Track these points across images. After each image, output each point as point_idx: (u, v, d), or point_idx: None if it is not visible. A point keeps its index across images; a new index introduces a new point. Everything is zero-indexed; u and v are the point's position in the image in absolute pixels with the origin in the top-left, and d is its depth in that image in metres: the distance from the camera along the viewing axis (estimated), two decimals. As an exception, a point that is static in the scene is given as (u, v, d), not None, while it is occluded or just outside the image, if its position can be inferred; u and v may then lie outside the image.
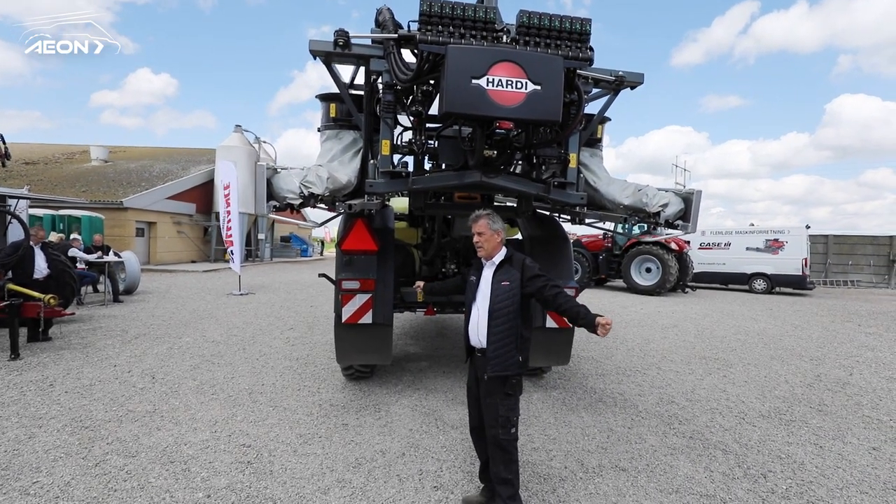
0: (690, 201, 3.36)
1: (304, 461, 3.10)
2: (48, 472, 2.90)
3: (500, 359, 2.35)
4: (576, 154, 3.37)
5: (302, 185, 2.89)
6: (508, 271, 2.42)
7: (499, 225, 2.49)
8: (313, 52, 3.07)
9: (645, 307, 11.19)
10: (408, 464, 3.10)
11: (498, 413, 2.38)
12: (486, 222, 2.48)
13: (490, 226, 2.47)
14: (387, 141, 3.14)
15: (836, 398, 4.74)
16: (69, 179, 21.04)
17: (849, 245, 20.92)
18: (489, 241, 2.48)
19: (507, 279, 2.39)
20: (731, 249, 16.08)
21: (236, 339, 6.55)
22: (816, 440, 3.68)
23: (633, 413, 4.14)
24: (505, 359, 2.35)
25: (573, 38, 2.70)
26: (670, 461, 3.24)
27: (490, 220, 2.48)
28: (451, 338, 6.97)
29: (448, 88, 2.48)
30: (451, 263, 5.04)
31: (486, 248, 2.50)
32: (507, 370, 2.35)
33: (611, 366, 5.70)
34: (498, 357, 2.35)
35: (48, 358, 5.38)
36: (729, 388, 4.98)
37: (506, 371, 2.35)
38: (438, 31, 2.57)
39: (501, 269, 2.45)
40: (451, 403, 4.22)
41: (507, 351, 2.34)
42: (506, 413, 2.37)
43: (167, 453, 3.17)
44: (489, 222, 2.48)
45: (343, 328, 3.95)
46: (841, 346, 7.29)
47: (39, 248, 6.31)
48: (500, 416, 2.37)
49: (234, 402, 4.14)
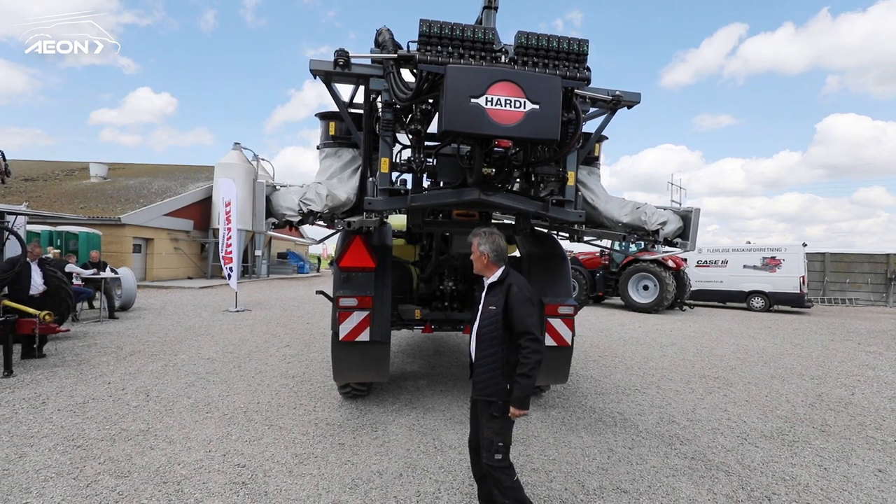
0: (689, 219, 3.39)
1: (300, 482, 3.04)
2: (38, 493, 2.82)
3: (484, 382, 2.34)
4: (574, 172, 3.42)
5: (301, 203, 2.91)
6: (497, 295, 2.37)
7: (486, 248, 2.42)
8: (314, 72, 3.13)
9: (643, 325, 11.15)
10: (405, 485, 3.04)
11: (484, 435, 2.37)
12: (476, 242, 2.47)
13: (478, 246, 2.45)
14: (386, 159, 3.18)
15: (839, 418, 4.70)
16: (68, 196, 21.09)
17: (846, 263, 21.02)
18: (477, 262, 2.48)
19: (494, 303, 2.36)
20: (729, 267, 16.13)
21: (232, 357, 6.47)
22: (820, 462, 3.63)
23: (634, 433, 4.08)
24: (490, 383, 2.32)
25: (570, 59, 2.77)
26: (672, 483, 3.18)
27: (479, 241, 2.45)
28: (449, 356, 6.91)
29: (447, 107, 2.53)
30: (448, 281, 5.03)
31: (475, 267, 2.51)
32: (492, 396, 2.31)
33: (610, 384, 5.64)
34: (483, 381, 2.34)
35: (41, 375, 5.30)
36: (730, 407, 4.93)
37: (490, 396, 2.32)
38: (437, 51, 2.63)
39: (492, 291, 2.42)
40: (449, 423, 4.16)
41: (492, 375, 2.32)
42: (490, 436, 2.33)
43: (160, 473, 3.10)
44: (478, 243, 2.45)
45: (340, 346, 3.92)
46: (842, 365, 7.25)
47: (36, 265, 6.28)
48: (485, 439, 2.35)
49: (228, 421, 4.07)
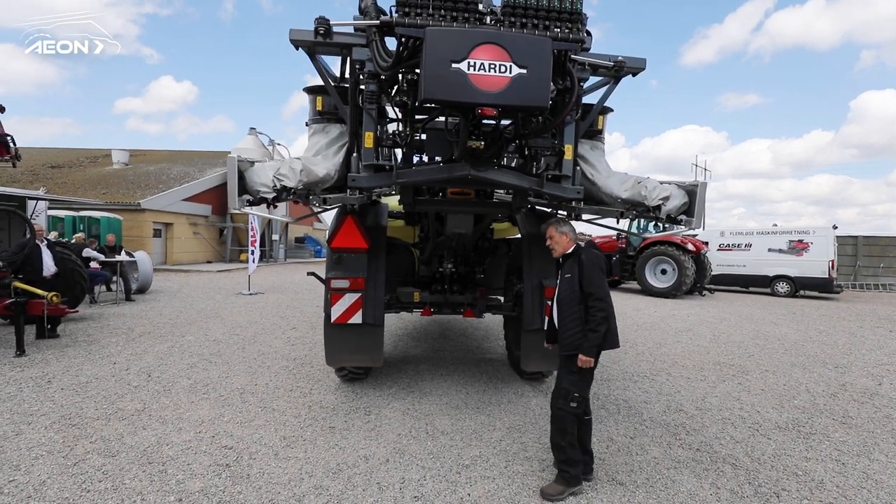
0: (695, 194, 3.13)
1: (284, 465, 2.99)
2: (26, 470, 2.85)
3: (568, 339, 2.73)
4: (572, 145, 3.18)
5: (275, 178, 2.78)
6: (571, 266, 2.81)
7: (566, 228, 2.92)
8: (294, 43, 2.96)
9: (659, 310, 10.81)
10: (391, 471, 2.96)
11: (561, 385, 2.77)
12: (553, 228, 2.93)
13: (557, 229, 2.91)
14: (370, 133, 3.01)
15: (862, 410, 4.40)
16: (91, 182, 21.67)
17: (880, 247, 19.92)
18: (559, 243, 2.91)
19: (569, 271, 2.80)
20: (752, 251, 15.46)
21: (237, 339, 6.52)
22: (838, 456, 3.39)
23: (637, 422, 3.90)
24: (572, 340, 2.71)
25: (563, 18, 2.52)
26: (673, 475, 3.01)
27: (557, 226, 2.93)
28: (454, 339, 6.81)
29: (426, 73, 2.33)
30: (448, 263, 4.88)
31: (557, 250, 2.93)
32: (574, 350, 2.69)
33: (617, 371, 5.45)
34: (567, 338, 2.74)
35: (52, 355, 5.43)
36: (743, 396, 4.69)
37: (572, 351, 2.69)
38: (417, 13, 2.43)
39: (566, 263, 2.88)
40: (444, 408, 4.06)
41: (573, 333, 2.71)
42: (568, 387, 2.74)
43: (147, 454, 3.10)
44: (556, 227, 2.93)
45: (332, 328, 3.84)
46: (870, 354, 6.84)
47: (46, 247, 6.40)
48: (562, 388, 2.76)
49: (223, 402, 4.07)
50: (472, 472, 2.98)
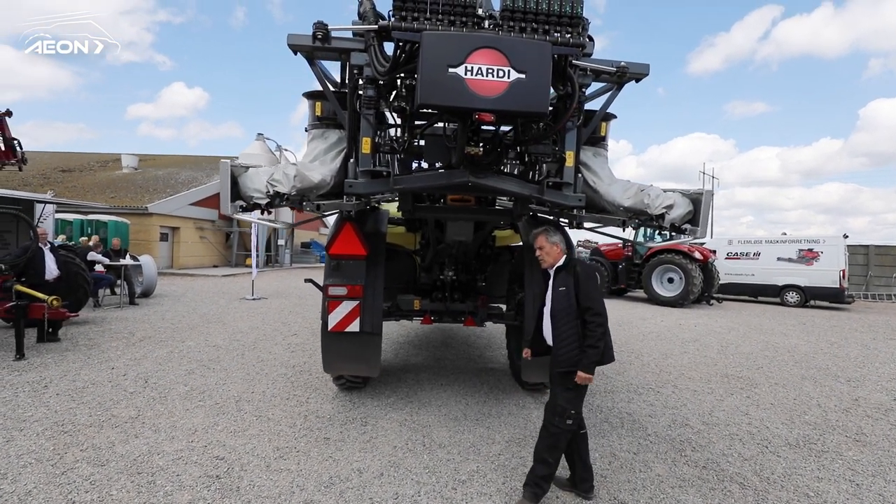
0: (699, 202, 3.03)
1: (275, 478, 2.91)
2: (13, 479, 2.80)
3: (563, 356, 2.63)
4: (573, 152, 3.11)
5: (269, 184, 2.74)
6: (565, 278, 2.70)
7: (557, 238, 2.80)
8: (293, 48, 2.93)
9: (665, 320, 10.63)
10: (384, 485, 2.87)
11: (557, 402, 2.67)
12: (543, 237, 2.78)
13: (548, 239, 2.77)
14: (367, 139, 2.96)
15: (876, 426, 4.24)
16: (100, 186, 21.91)
17: (892, 256, 19.54)
18: (549, 254, 2.78)
19: (564, 284, 2.69)
20: (761, 260, 15.21)
21: (238, 344, 6.48)
22: (852, 476, 3.25)
23: (641, 436, 3.78)
24: (568, 356, 2.61)
25: (563, 23, 2.46)
26: (677, 495, 2.89)
27: (547, 235, 2.78)
28: (456, 348, 6.72)
29: (423, 78, 2.28)
30: (449, 270, 4.80)
31: (547, 261, 2.80)
32: (571, 367, 2.59)
33: (622, 382, 5.32)
34: (562, 354, 2.64)
35: (51, 359, 5.41)
36: (752, 410, 4.54)
37: (569, 367, 2.60)
38: (414, 17, 2.38)
39: (559, 275, 2.74)
40: (443, 419, 3.97)
41: (569, 349, 2.61)
42: (564, 404, 2.63)
43: (137, 463, 3.04)
44: (547, 236, 2.78)
45: (329, 336, 3.78)
46: (883, 367, 6.65)
47: (49, 250, 6.42)
48: (559, 406, 2.65)
49: (218, 410, 4.00)
50: (469, 487, 2.89)
